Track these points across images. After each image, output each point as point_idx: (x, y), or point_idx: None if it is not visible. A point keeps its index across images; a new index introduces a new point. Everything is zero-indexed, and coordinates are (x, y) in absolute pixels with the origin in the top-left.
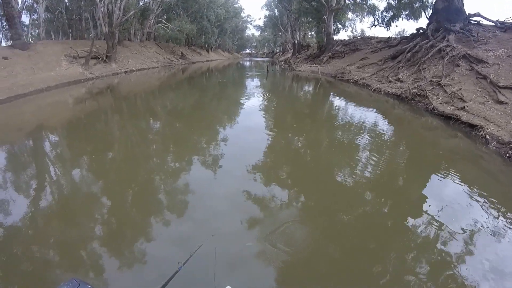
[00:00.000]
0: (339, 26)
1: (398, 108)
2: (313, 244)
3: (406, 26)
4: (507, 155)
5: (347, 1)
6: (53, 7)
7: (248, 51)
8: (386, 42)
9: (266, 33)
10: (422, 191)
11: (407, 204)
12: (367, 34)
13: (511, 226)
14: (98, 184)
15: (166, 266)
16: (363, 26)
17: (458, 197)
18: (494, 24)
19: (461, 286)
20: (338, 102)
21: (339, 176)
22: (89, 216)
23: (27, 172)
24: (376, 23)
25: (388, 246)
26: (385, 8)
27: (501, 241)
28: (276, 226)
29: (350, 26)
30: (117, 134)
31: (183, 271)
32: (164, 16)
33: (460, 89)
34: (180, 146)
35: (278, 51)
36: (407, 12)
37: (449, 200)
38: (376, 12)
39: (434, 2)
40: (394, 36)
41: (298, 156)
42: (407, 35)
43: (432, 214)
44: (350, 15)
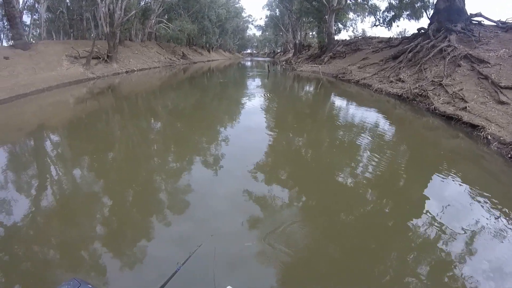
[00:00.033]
0: (340, 26)
1: (399, 108)
2: (313, 244)
3: (407, 26)
4: (509, 155)
5: (348, 1)
6: (54, 7)
7: (249, 51)
8: (387, 42)
9: (267, 33)
10: (423, 191)
11: (408, 204)
12: (368, 34)
13: None
14: (98, 184)
15: (166, 265)
16: (364, 26)
17: (459, 197)
18: (495, 24)
19: (461, 286)
20: (339, 102)
21: (340, 176)
22: (89, 215)
23: (28, 172)
24: (377, 23)
25: (389, 246)
26: (386, 8)
27: (502, 241)
28: (276, 226)
29: (351, 26)
30: (118, 134)
31: (182, 271)
32: (165, 16)
33: (461, 89)
34: (181, 146)
35: (279, 51)
36: (408, 12)
37: (450, 201)
38: (377, 12)
39: (435, 2)
40: (395, 36)
41: (298, 156)
42: (408, 35)
43: (433, 214)
44: (351, 15)
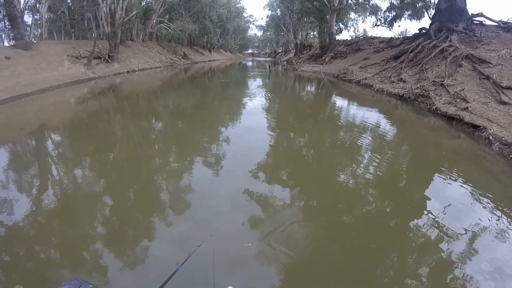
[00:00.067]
0: (341, 26)
1: (401, 109)
2: (313, 244)
3: (408, 26)
4: (510, 156)
5: (350, 1)
6: (55, 7)
7: (250, 51)
8: (389, 42)
9: (268, 33)
10: (424, 192)
11: (409, 204)
12: (370, 34)
13: None
14: (99, 184)
15: (167, 265)
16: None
17: (461, 198)
18: (497, 24)
19: (462, 287)
20: (340, 102)
21: (340, 177)
22: (90, 215)
23: (29, 171)
24: (378, 23)
25: (390, 246)
26: (387, 8)
27: (504, 242)
28: (277, 226)
29: (353, 26)
30: (119, 134)
31: (181, 271)
32: (167, 16)
33: (463, 89)
34: (182, 146)
35: (280, 51)
36: (409, 12)
37: (451, 201)
38: (379, 12)
39: (436, 2)
40: (396, 36)
41: (299, 156)
42: (409, 35)
43: (435, 215)
44: (352, 15)
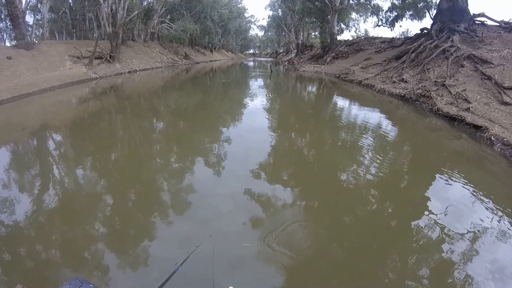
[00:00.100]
0: (342, 26)
1: (402, 109)
2: (314, 245)
3: (410, 26)
4: None
5: (351, 1)
6: (57, 7)
7: (251, 51)
8: (390, 43)
9: (269, 33)
10: (426, 192)
11: (410, 205)
12: (371, 34)
13: None
14: (101, 184)
15: (168, 265)
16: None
17: (462, 198)
18: (498, 24)
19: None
20: (341, 103)
21: (342, 177)
22: (91, 215)
23: (31, 171)
24: (380, 23)
25: (391, 247)
26: (389, 8)
27: (506, 242)
28: (277, 226)
29: (354, 26)
30: (120, 134)
31: (181, 271)
32: (168, 16)
33: (464, 90)
34: (183, 146)
35: (281, 51)
36: (411, 12)
37: (453, 202)
38: (380, 12)
39: (438, 2)
40: (398, 37)
41: (301, 157)
42: (411, 35)
43: (436, 216)
44: (353, 15)
